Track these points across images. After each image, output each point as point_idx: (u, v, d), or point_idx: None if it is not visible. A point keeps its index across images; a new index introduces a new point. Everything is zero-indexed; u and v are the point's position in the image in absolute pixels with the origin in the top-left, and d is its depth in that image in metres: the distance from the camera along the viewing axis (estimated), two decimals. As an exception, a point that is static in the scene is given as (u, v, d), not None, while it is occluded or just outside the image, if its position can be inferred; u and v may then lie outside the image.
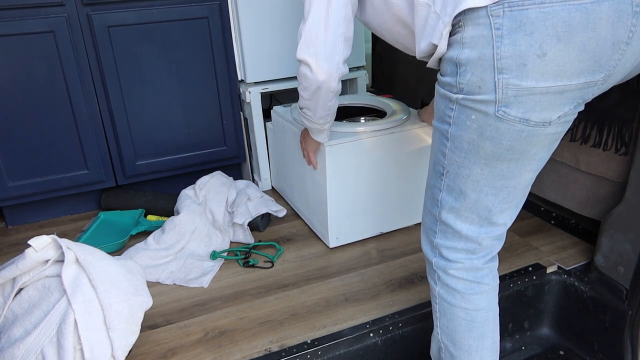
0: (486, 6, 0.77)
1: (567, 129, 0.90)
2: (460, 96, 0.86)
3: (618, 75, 0.84)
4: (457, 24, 0.82)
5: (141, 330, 1.19)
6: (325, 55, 1.10)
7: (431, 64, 0.95)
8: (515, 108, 0.81)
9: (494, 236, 0.99)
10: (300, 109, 1.31)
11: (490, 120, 0.84)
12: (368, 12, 1.07)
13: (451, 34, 0.85)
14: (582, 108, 0.87)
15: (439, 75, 0.92)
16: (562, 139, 1.49)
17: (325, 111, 1.27)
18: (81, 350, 1.05)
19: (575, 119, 1.40)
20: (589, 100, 0.87)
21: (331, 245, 1.61)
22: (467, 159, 0.90)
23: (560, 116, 0.84)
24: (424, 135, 1.59)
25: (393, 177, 1.60)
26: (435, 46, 0.88)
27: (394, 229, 1.69)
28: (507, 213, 0.97)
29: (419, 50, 0.94)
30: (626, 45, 0.78)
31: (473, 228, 0.97)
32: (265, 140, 1.99)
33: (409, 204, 1.67)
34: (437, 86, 0.92)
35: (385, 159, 1.57)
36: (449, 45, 0.85)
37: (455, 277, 1.01)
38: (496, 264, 1.05)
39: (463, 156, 0.90)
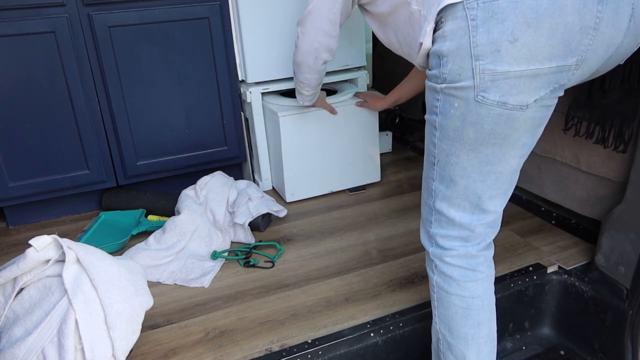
0: (462, 1, 0.84)
1: (548, 115, 0.94)
2: (444, 85, 0.91)
3: (593, 62, 0.88)
4: (440, 20, 0.89)
5: (142, 330, 1.20)
6: (308, 38, 1.36)
7: (419, 60, 0.99)
8: (492, 92, 0.86)
9: (486, 223, 1.03)
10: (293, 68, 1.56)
11: (471, 106, 0.89)
12: (390, 32, 1.14)
13: (435, 31, 0.91)
14: (560, 93, 0.91)
15: (427, 71, 0.97)
16: (564, 137, 1.50)
17: (304, 78, 1.53)
18: (82, 350, 1.05)
19: (578, 117, 1.41)
20: (567, 86, 0.91)
21: (288, 200, 1.93)
22: (454, 146, 0.95)
23: (536, 100, 0.88)
24: (359, 110, 1.93)
25: (335, 145, 1.93)
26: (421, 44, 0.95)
27: (340, 189, 2.01)
28: (497, 200, 1.01)
29: (416, 53, 1.00)
30: (594, 31, 0.83)
31: (465, 215, 1.01)
32: (266, 140, 1.99)
33: (350, 168, 1.99)
34: (426, 81, 0.97)
35: (329, 129, 1.89)
36: (434, 41, 0.91)
37: (451, 264, 1.05)
38: (491, 252, 1.08)
39: (450, 144, 0.95)
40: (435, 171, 1.01)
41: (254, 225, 1.71)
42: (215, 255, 1.58)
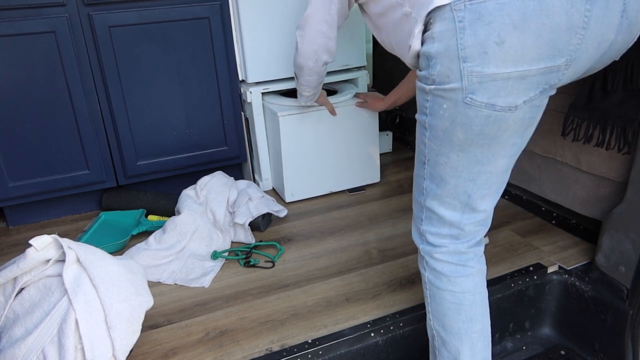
0: (450, 3, 0.84)
1: (538, 115, 0.94)
2: (433, 87, 0.91)
3: (583, 60, 0.87)
4: (429, 22, 0.89)
5: (142, 330, 1.19)
6: (307, 41, 1.38)
7: (410, 60, 1.00)
8: (480, 94, 0.86)
9: (476, 222, 1.03)
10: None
11: (460, 107, 0.89)
12: (382, 28, 1.15)
13: (424, 32, 0.91)
14: (552, 92, 0.91)
15: (417, 71, 0.97)
16: (563, 138, 1.50)
17: (305, 81, 1.55)
18: (82, 349, 1.05)
19: (579, 117, 1.41)
20: (558, 85, 0.90)
21: (287, 200, 1.94)
22: (444, 146, 0.95)
23: (525, 101, 0.88)
24: (359, 111, 1.93)
25: (335, 145, 1.92)
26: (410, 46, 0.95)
27: (339, 190, 2.01)
28: (487, 199, 1.01)
29: (407, 54, 1.01)
30: (583, 30, 0.82)
31: (456, 214, 1.01)
32: (266, 140, 1.99)
33: (349, 169, 1.99)
34: (416, 81, 0.98)
35: (329, 129, 1.89)
36: (423, 42, 0.92)
37: (441, 260, 1.06)
38: (481, 248, 1.08)
39: (439, 144, 0.96)
40: (426, 170, 1.02)
41: (254, 225, 1.71)
42: (215, 255, 1.58)
